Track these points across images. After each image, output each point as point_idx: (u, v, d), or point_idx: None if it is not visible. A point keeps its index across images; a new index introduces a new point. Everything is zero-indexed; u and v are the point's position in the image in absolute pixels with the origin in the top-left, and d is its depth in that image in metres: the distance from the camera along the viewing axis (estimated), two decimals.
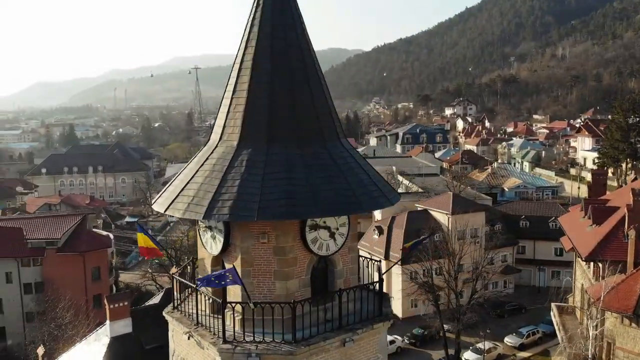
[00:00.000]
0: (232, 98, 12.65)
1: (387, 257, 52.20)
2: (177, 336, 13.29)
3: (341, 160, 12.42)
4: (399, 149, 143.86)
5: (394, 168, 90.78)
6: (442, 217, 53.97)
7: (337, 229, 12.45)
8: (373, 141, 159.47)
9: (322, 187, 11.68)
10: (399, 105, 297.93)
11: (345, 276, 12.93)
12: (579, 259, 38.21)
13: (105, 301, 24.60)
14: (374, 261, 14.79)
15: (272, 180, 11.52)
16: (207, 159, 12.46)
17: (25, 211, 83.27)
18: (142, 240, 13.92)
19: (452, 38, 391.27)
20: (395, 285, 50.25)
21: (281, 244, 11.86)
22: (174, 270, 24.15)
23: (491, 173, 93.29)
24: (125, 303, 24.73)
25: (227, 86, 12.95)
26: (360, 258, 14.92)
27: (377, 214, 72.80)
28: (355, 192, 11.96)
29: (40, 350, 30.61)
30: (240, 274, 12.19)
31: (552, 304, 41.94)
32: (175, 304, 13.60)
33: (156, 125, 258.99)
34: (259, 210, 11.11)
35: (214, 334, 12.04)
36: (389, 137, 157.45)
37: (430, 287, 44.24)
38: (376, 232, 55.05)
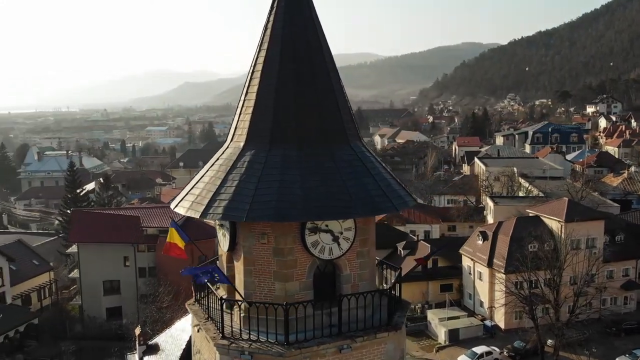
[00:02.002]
0: (244, 100, 12.97)
1: (490, 264, 49.67)
2: (194, 328, 13.96)
3: (344, 163, 12.18)
4: (527, 149, 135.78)
5: (514, 169, 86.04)
6: (554, 224, 50.15)
7: (342, 232, 12.23)
8: (499, 140, 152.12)
9: (316, 189, 11.57)
10: (536, 102, 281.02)
11: (352, 282, 12.67)
12: None
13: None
14: (392, 268, 14.31)
15: (268, 182, 11.65)
16: (217, 159, 12.90)
17: (160, 201, 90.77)
18: (172, 236, 14.60)
19: (597, 30, 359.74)
20: (498, 294, 47.68)
21: (280, 245, 11.93)
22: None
23: (627, 178, 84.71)
24: None
25: (242, 89, 13.28)
26: (379, 263, 14.63)
27: (490, 218, 69.66)
28: (351, 195, 11.68)
29: (137, 330, 33.35)
30: (243, 273, 12.54)
31: None
32: (197, 297, 14.24)
33: None
34: (249, 211, 11.30)
35: (218, 329, 12.46)
36: (517, 136, 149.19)
37: (527, 299, 41.42)
38: (480, 237, 52.60)
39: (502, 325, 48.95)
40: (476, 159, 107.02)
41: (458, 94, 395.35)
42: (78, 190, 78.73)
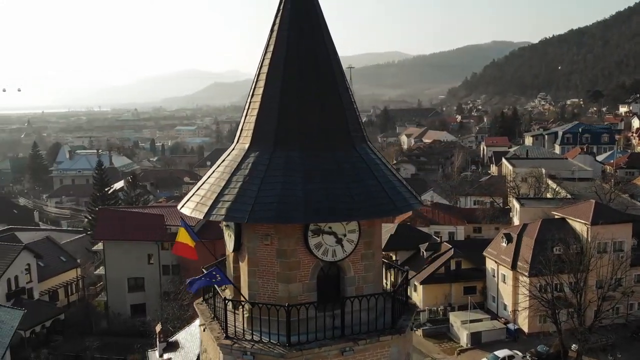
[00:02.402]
0: (250, 102, 13.06)
1: (514, 267, 48.90)
2: (200, 327, 14.12)
3: (347, 166, 12.16)
4: (557, 149, 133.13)
5: (542, 170, 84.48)
6: (580, 227, 49.10)
7: (345, 235, 12.22)
8: (528, 140, 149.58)
9: (318, 192, 11.58)
10: (567, 102, 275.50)
11: (357, 284, 12.64)
12: None
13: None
14: (399, 270, 14.25)
15: (270, 184, 11.71)
16: (223, 160, 13.02)
17: None
18: (182, 236, 14.73)
19: (631, 28, 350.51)
20: (522, 298, 46.93)
21: (283, 246, 11.98)
22: None
23: None
24: None
25: (249, 91, 13.37)
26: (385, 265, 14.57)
27: (515, 220, 68.58)
28: (354, 198, 11.66)
29: (158, 328, 33.89)
30: (247, 273, 12.64)
31: None
32: (205, 297, 14.39)
33: None
34: (251, 213, 11.38)
35: (223, 329, 12.58)
36: (546, 137, 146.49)
37: (550, 303, 40.63)
38: (504, 239, 51.80)
39: (525, 328, 48.18)
40: (504, 160, 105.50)
41: (487, 93, 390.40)
42: (106, 189, 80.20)
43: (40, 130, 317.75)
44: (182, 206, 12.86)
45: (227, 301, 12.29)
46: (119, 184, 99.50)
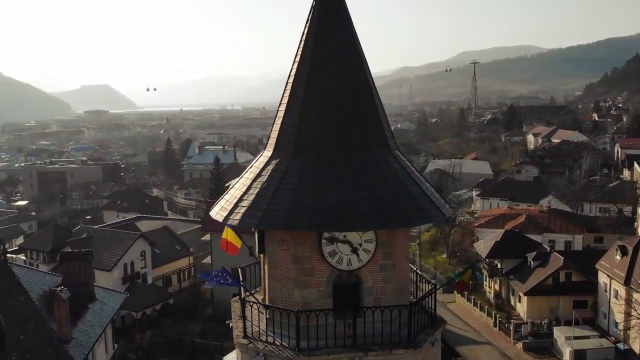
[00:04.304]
0: (277, 111, 13.46)
1: (627, 282, 44.51)
2: (227, 323, 14.84)
3: (362, 175, 12.09)
4: None
5: None
6: None
7: (361, 244, 12.19)
8: None
9: (327, 200, 11.66)
10: None
11: (374, 294, 12.56)
12: None
13: None
14: (427, 282, 13.83)
15: (284, 191, 12.01)
16: (250, 167, 13.54)
17: None
18: (228, 234, 15.56)
19: None
20: (635, 315, 42.69)
21: (298, 252, 12.26)
22: None
23: None
24: None
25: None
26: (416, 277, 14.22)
27: None
28: (364, 207, 11.57)
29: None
30: (267, 276, 13.08)
31: None
32: (242, 295, 15.03)
33: (433, 120, 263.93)
34: (261, 219, 11.78)
35: (244, 328, 13.13)
36: None
37: None
38: (619, 252, 47.31)
39: (636, 349, 43.70)
40: (635, 164, 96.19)
41: (630, 90, 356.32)
42: (223, 182, 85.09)
43: (177, 126, 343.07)
44: (212, 208, 13.57)
45: (244, 302, 12.82)
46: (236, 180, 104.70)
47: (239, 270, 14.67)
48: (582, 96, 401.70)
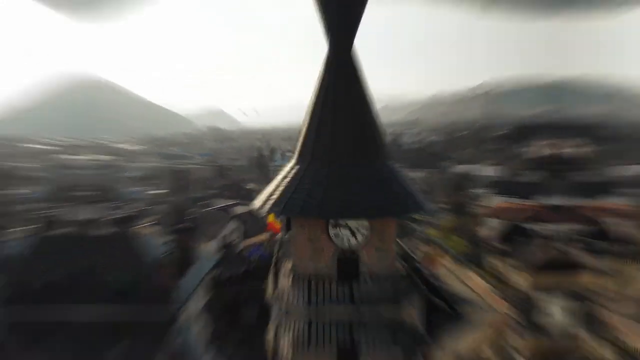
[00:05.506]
0: (302, 127, 13.66)
1: None
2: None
3: (364, 178, 12.21)
4: None
5: None
6: None
7: (357, 229, 12.29)
8: None
9: (333, 196, 11.85)
10: None
11: (369, 268, 12.54)
12: None
13: None
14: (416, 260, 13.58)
15: (300, 190, 12.26)
16: (283, 171, 13.81)
17: None
18: (271, 218, 15.99)
19: None
20: None
21: (311, 234, 12.46)
22: None
23: None
24: None
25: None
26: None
27: None
28: (361, 201, 11.70)
29: None
30: (293, 250, 13.31)
31: None
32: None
33: (462, 133, 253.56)
34: (283, 208, 12.10)
35: (275, 286, 13.44)
36: None
37: None
38: None
39: None
40: None
41: None
42: None
43: (269, 139, 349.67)
44: (253, 201, 13.98)
45: (275, 267, 13.18)
46: None
47: (276, 245, 14.97)
48: None
